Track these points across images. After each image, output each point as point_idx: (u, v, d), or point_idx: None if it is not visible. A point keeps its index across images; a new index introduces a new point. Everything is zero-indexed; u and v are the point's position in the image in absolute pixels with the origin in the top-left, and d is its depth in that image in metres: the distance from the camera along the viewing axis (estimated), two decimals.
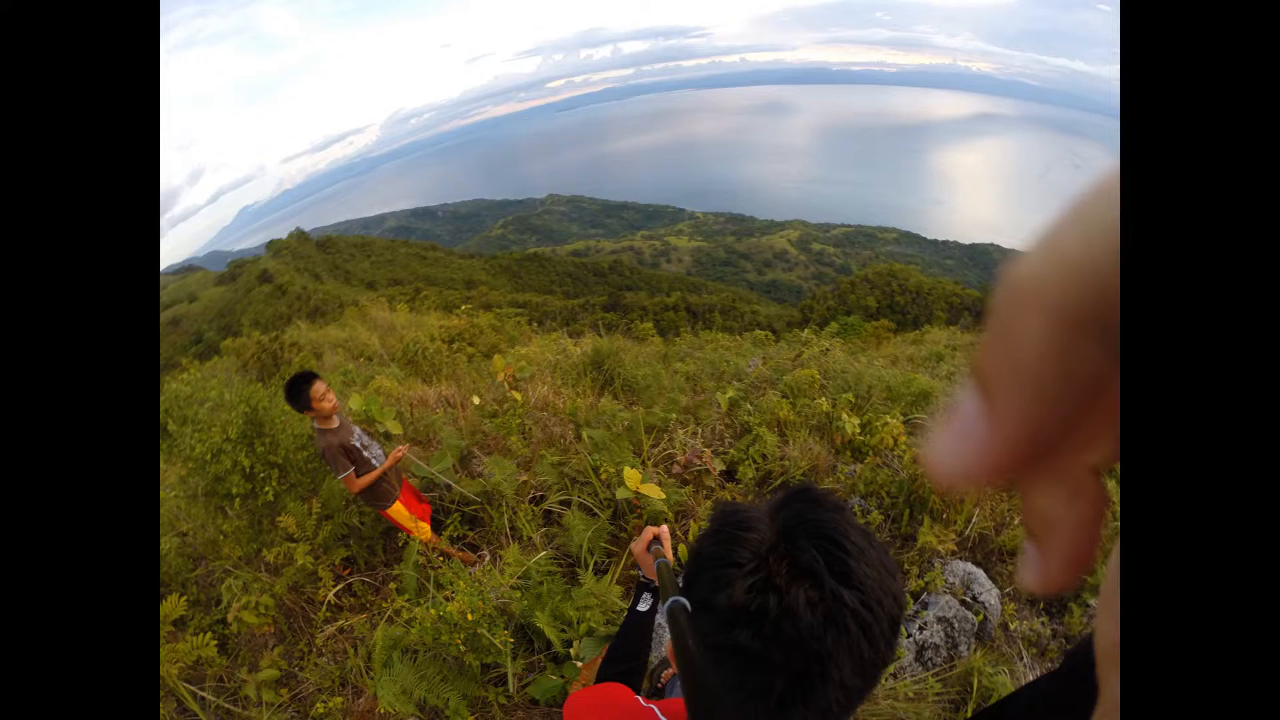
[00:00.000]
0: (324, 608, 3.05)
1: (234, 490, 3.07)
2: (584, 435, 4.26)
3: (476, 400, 4.94)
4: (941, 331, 14.73)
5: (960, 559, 3.28)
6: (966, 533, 3.44)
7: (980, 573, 3.01)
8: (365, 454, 2.99)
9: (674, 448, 4.30)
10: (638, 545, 1.20)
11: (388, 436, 3.93)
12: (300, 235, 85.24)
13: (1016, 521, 3.52)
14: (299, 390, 2.73)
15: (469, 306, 9.62)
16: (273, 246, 78.35)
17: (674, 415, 4.77)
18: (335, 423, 2.91)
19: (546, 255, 75.48)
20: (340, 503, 3.42)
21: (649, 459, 4.16)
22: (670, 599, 0.68)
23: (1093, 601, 3.13)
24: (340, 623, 2.96)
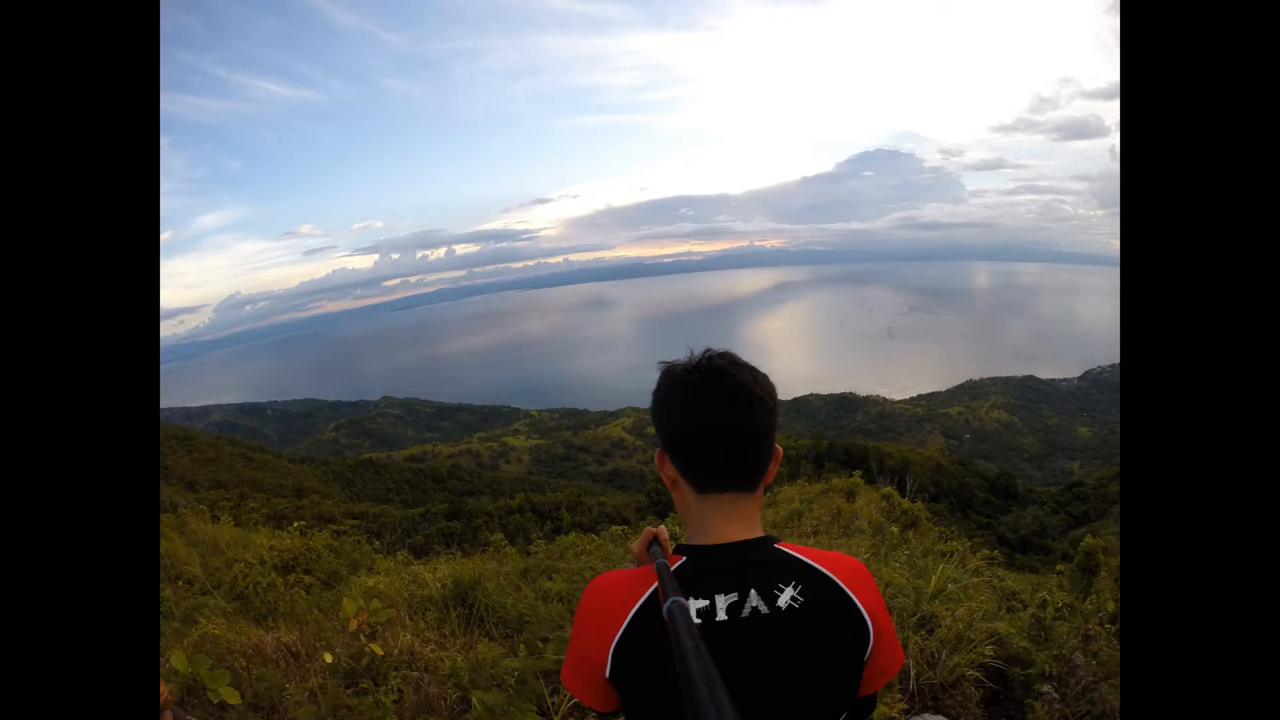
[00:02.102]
0: None
1: None
2: (475, 701, 3.60)
3: (329, 658, 4.04)
4: (792, 488, 15.42)
5: (915, 715, 3.14)
6: (911, 688, 3.32)
7: (941, 718, 2.93)
8: None
9: None
10: (637, 546, 1.20)
11: (224, 707, 3.02)
12: None
13: (946, 655, 3.50)
14: None
15: (301, 524, 8.47)
16: None
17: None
18: None
19: (382, 461, 70.12)
20: None
21: (555, 712, 3.54)
22: (670, 599, 0.78)
23: (1046, 689, 3.15)
24: None
